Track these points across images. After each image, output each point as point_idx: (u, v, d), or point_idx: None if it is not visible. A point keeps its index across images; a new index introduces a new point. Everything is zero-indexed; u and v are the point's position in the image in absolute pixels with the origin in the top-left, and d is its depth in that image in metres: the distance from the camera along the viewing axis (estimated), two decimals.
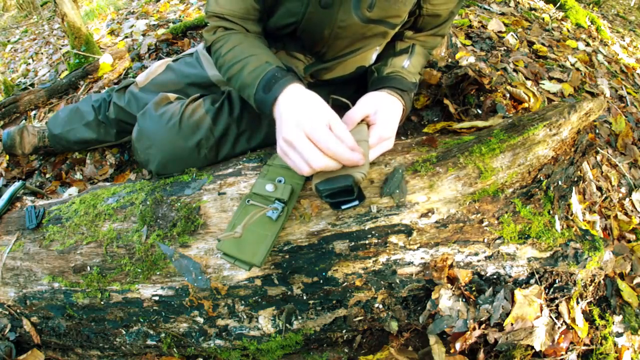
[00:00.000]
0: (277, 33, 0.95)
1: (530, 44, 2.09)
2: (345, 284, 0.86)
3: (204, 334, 0.92)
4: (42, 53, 3.39)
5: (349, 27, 0.86)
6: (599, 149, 1.54)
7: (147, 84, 1.29)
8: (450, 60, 1.57)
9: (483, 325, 0.85)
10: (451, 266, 0.86)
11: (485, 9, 2.49)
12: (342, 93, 1.11)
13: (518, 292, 0.85)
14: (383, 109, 0.82)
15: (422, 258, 0.86)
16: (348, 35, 0.89)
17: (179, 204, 0.90)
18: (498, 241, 0.86)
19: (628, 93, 1.94)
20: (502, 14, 2.48)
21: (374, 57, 1.00)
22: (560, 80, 1.77)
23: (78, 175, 1.59)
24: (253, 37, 0.89)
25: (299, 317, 0.89)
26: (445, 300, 0.85)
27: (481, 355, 0.84)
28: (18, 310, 0.97)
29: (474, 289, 0.87)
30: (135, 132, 0.97)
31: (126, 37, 2.72)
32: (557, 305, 0.89)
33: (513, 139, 0.88)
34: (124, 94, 1.33)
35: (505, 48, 1.96)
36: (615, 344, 0.92)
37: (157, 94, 1.04)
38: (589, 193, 1.38)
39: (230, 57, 0.85)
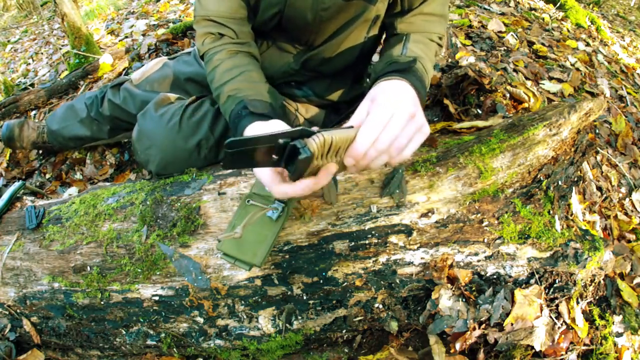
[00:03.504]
0: (263, 28, 0.95)
1: (530, 44, 2.09)
2: (345, 284, 0.86)
3: (204, 334, 0.92)
4: (42, 53, 3.39)
5: (331, 7, 0.86)
6: (599, 149, 1.54)
7: (143, 81, 1.28)
8: (450, 60, 1.57)
9: (483, 325, 0.85)
10: (451, 266, 0.86)
11: (485, 9, 2.49)
12: (340, 83, 1.11)
13: (518, 292, 0.85)
14: (378, 96, 0.71)
15: (422, 258, 0.86)
16: (332, 16, 0.88)
17: (179, 204, 0.90)
18: (498, 241, 0.86)
19: (628, 93, 1.94)
20: (502, 14, 2.48)
21: (363, 38, 0.97)
22: (560, 80, 1.77)
23: (78, 175, 1.60)
24: (233, 55, 0.88)
25: (299, 317, 0.89)
26: (445, 300, 0.85)
27: (481, 355, 0.84)
28: (18, 310, 0.97)
29: (474, 289, 0.87)
30: (136, 132, 0.97)
31: (126, 37, 2.72)
32: (557, 305, 0.89)
33: (513, 139, 0.88)
34: (119, 91, 1.32)
35: (505, 48, 1.96)
36: (615, 344, 0.92)
37: (153, 91, 1.03)
38: (589, 193, 1.38)
39: (210, 79, 0.88)
